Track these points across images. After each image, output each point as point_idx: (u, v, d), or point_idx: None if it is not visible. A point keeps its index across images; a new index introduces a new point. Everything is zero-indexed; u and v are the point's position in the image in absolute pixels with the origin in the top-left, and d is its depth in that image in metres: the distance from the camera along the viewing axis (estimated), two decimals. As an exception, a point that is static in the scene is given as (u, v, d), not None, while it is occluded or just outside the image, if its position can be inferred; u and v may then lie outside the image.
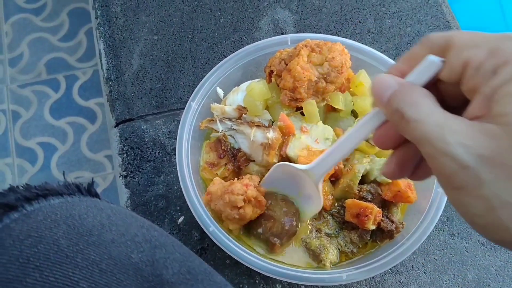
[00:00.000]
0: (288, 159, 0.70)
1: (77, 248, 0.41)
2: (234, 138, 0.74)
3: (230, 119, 0.74)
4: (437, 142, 0.34)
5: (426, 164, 0.40)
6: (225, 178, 0.72)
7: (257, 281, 0.71)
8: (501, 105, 0.33)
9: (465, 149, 0.32)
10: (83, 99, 1.81)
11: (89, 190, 0.50)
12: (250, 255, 0.62)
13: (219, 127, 0.73)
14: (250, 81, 0.77)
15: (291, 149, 0.69)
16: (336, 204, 0.71)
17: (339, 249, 0.69)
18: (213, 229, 0.63)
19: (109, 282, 0.41)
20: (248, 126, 0.71)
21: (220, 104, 0.76)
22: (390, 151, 0.45)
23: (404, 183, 0.68)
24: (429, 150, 0.34)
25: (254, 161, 0.71)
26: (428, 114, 0.35)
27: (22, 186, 0.47)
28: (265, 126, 0.71)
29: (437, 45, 0.40)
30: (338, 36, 0.91)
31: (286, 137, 0.71)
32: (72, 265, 0.40)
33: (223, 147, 0.73)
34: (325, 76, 0.71)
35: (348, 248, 0.69)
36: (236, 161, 0.73)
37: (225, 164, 0.73)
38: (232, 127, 0.73)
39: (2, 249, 0.40)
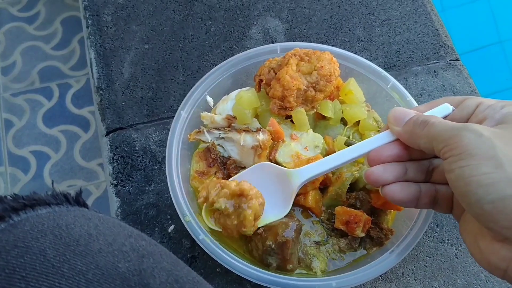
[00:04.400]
0: (277, 164, 0.70)
1: (63, 258, 0.41)
2: (223, 147, 0.74)
3: (217, 128, 0.74)
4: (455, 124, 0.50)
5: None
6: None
7: (247, 289, 0.71)
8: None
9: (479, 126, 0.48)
10: (76, 107, 1.81)
11: (77, 200, 0.50)
12: (240, 263, 0.62)
13: (208, 137, 0.73)
14: (239, 89, 0.78)
15: (281, 155, 0.70)
16: (326, 211, 0.71)
17: (327, 257, 0.69)
18: (203, 237, 0.63)
19: (96, 292, 0.41)
20: (237, 132, 0.72)
21: (210, 112, 0.76)
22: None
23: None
24: (447, 133, 0.49)
25: (244, 167, 0.72)
26: (441, 120, 0.52)
27: (10, 196, 0.47)
28: (253, 131, 0.72)
29: (456, 100, 0.57)
30: (328, 44, 0.92)
31: (276, 142, 0.71)
32: (58, 275, 0.40)
33: (212, 156, 0.73)
34: (314, 84, 0.71)
35: (335, 256, 0.69)
36: (226, 169, 0.73)
37: (215, 173, 0.73)
38: (221, 136, 0.73)
39: None
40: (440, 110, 0.57)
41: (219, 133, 0.73)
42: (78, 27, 1.92)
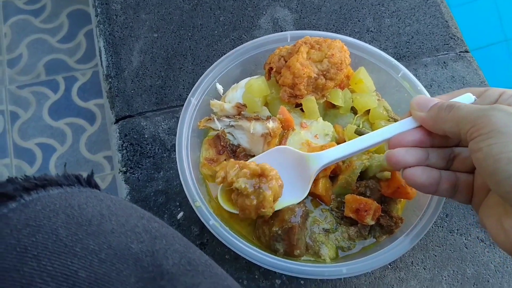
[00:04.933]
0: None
1: (76, 237, 0.41)
2: (233, 135, 0.74)
3: (228, 116, 0.74)
4: (482, 106, 0.49)
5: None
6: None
7: (256, 276, 0.71)
8: None
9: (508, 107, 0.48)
10: (82, 100, 1.81)
11: (89, 181, 0.50)
12: (250, 248, 0.62)
13: (218, 125, 0.73)
14: (249, 77, 0.77)
15: (291, 143, 0.69)
16: (336, 199, 0.71)
17: (336, 245, 0.69)
18: (213, 222, 0.63)
19: (108, 271, 0.40)
20: (247, 120, 0.72)
21: (219, 100, 0.76)
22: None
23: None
24: (475, 114, 0.48)
25: (254, 156, 0.72)
26: (467, 104, 0.52)
27: (20, 178, 0.46)
28: (263, 119, 0.71)
29: (477, 90, 0.57)
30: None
31: (286, 131, 0.71)
32: (70, 255, 0.40)
33: (222, 144, 0.73)
34: (324, 72, 0.71)
35: (345, 244, 0.69)
36: (235, 157, 0.73)
37: (224, 160, 0.73)
38: (231, 124, 0.73)
39: None
40: (462, 99, 0.57)
41: (229, 121, 0.73)
42: (84, 20, 1.91)
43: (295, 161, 0.65)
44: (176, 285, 0.43)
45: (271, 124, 0.70)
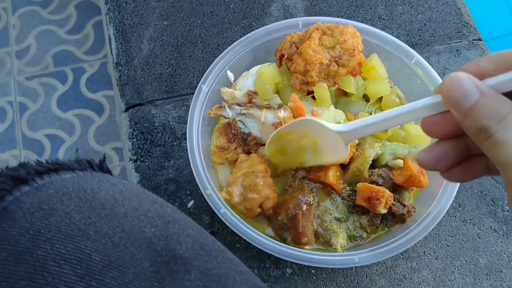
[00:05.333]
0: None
1: (89, 221, 0.41)
2: (243, 123, 0.73)
3: (239, 104, 0.74)
4: None
5: (470, 168, 0.40)
6: (234, 162, 0.72)
7: (267, 265, 0.70)
8: None
9: None
10: (90, 92, 1.81)
11: (101, 166, 0.49)
12: (261, 236, 0.62)
13: (229, 113, 0.73)
14: (260, 65, 0.77)
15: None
16: (347, 188, 0.70)
17: (347, 234, 0.68)
18: (224, 210, 0.63)
19: (122, 255, 0.40)
20: (258, 109, 0.71)
21: (230, 88, 0.75)
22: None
23: (416, 167, 0.67)
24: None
25: (264, 144, 0.71)
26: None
27: (33, 161, 0.46)
28: (274, 108, 0.71)
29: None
30: (349, 22, 0.90)
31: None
32: (84, 238, 0.40)
33: (232, 132, 0.72)
34: (336, 59, 0.70)
35: (357, 233, 0.68)
36: (246, 145, 0.72)
37: (235, 148, 0.72)
38: (242, 112, 0.72)
39: (12, 221, 0.40)
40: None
41: (240, 109, 0.72)
42: (92, 12, 1.91)
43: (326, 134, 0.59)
44: (190, 270, 0.42)
45: (282, 114, 0.70)
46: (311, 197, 0.67)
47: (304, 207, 0.66)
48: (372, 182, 0.68)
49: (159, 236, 0.43)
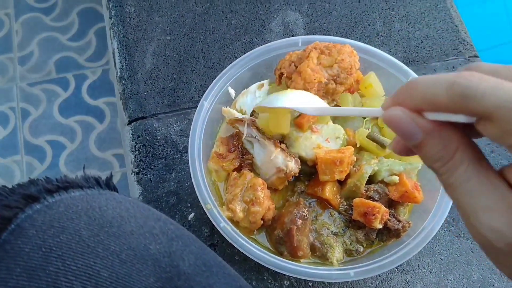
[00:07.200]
0: (300, 159, 0.71)
1: (98, 238, 0.43)
2: (252, 144, 0.74)
3: (258, 129, 0.73)
4: (471, 219, 0.31)
5: None
6: (227, 172, 0.74)
7: (265, 278, 0.72)
8: None
9: (497, 236, 0.30)
10: (92, 98, 1.83)
11: (108, 184, 0.51)
12: (259, 250, 0.64)
13: (245, 131, 0.72)
14: (258, 82, 0.78)
15: (302, 149, 0.70)
16: (344, 202, 0.72)
17: (344, 248, 0.70)
18: (224, 225, 0.65)
19: (129, 272, 0.42)
20: (274, 144, 0.71)
21: (231, 104, 0.77)
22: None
23: (411, 183, 0.70)
24: (465, 221, 0.32)
25: (258, 174, 0.72)
26: (463, 180, 0.31)
27: (42, 179, 0.48)
28: (289, 154, 0.71)
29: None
30: (348, 38, 0.92)
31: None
32: (93, 255, 0.42)
33: (234, 143, 0.74)
34: (334, 77, 0.72)
35: (353, 247, 0.70)
36: (243, 161, 0.74)
37: (232, 159, 0.74)
38: (257, 137, 0.72)
39: (25, 238, 0.41)
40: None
41: (257, 135, 0.72)
42: (95, 19, 1.93)
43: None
44: (192, 285, 0.44)
45: (291, 164, 0.70)
46: (305, 211, 0.69)
47: (299, 221, 0.68)
48: (369, 198, 0.70)
49: (164, 252, 0.45)
